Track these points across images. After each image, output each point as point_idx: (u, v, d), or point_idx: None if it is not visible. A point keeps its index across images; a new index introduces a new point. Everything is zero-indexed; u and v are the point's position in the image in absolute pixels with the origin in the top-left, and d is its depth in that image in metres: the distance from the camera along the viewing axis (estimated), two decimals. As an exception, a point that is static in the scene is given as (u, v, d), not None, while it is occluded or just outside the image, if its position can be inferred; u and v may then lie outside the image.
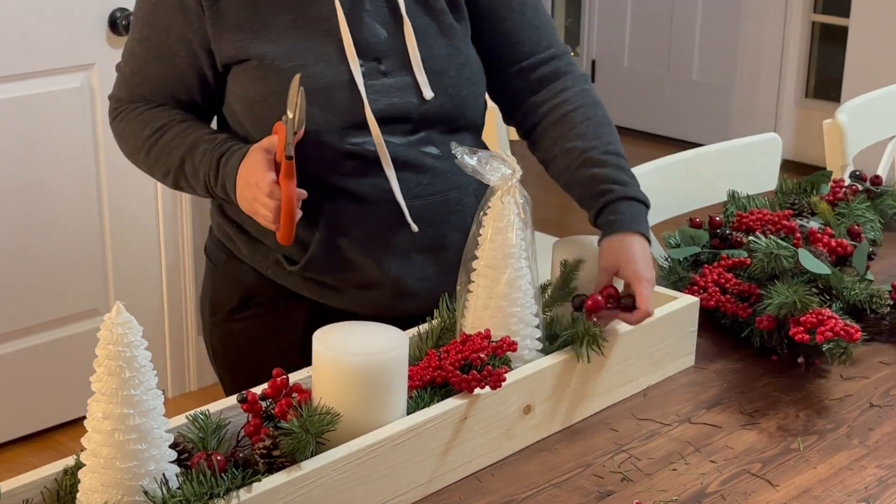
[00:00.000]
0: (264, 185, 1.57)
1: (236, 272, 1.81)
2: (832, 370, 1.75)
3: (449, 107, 1.73)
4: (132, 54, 1.76)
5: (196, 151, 1.70)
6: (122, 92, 1.80)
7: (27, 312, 3.13)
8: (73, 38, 3.03)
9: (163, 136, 1.73)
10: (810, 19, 5.56)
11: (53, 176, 3.07)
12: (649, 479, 1.47)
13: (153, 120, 1.75)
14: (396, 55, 1.70)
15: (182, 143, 1.71)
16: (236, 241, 1.79)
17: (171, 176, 1.74)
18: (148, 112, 1.76)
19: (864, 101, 2.77)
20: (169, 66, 1.72)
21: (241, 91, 1.69)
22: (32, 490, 1.25)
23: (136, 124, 1.76)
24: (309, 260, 1.71)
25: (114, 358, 1.20)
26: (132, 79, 1.77)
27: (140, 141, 1.76)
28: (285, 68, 1.65)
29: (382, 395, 1.38)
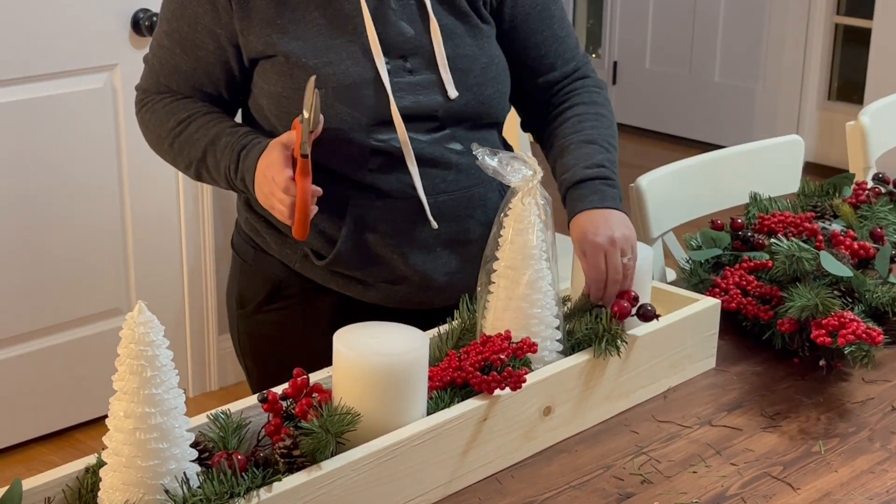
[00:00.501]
0: (280, 180, 1.59)
1: (265, 266, 1.83)
2: (854, 373, 1.74)
3: (474, 105, 1.75)
4: (160, 46, 1.78)
5: (218, 144, 1.72)
6: (148, 83, 1.82)
7: (49, 312, 3.15)
8: (96, 38, 3.04)
9: (187, 127, 1.75)
10: (833, 21, 5.53)
11: (76, 176, 3.08)
12: (669, 481, 1.47)
13: (178, 111, 1.77)
14: (422, 54, 1.72)
15: (205, 135, 1.73)
16: (265, 236, 1.81)
17: (194, 167, 1.76)
18: (174, 103, 1.78)
19: (886, 104, 2.75)
20: (196, 59, 1.74)
21: (268, 86, 1.71)
22: (54, 488, 1.26)
23: (162, 115, 1.78)
24: (336, 255, 1.72)
25: (135, 357, 1.20)
26: (159, 70, 1.79)
27: (165, 132, 1.78)
28: (312, 65, 1.67)
29: (402, 396, 1.38)
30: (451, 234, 1.75)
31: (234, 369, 3.56)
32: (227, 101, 1.79)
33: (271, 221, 1.79)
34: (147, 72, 1.83)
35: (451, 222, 1.75)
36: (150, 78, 1.82)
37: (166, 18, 1.76)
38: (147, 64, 1.83)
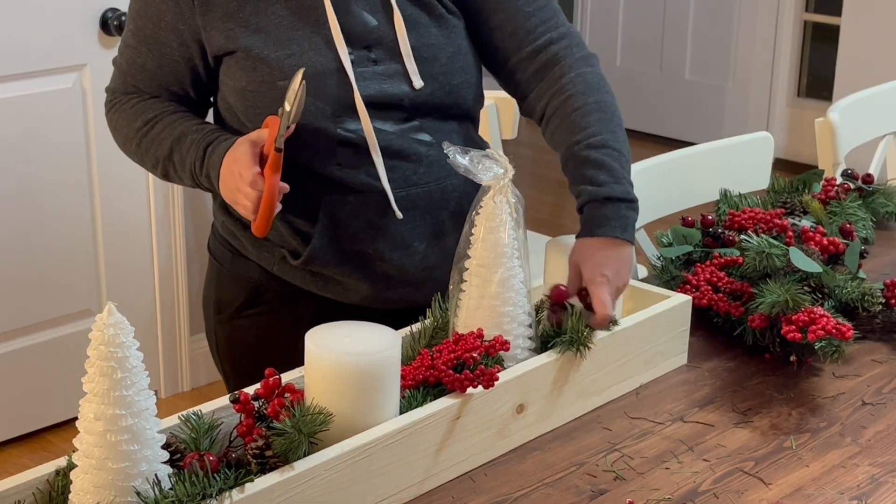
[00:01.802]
0: (248, 175, 1.58)
1: (243, 270, 1.82)
2: (825, 368, 1.75)
3: (441, 94, 1.73)
4: (126, 45, 1.78)
5: (184, 141, 1.71)
6: (116, 84, 1.81)
7: (19, 313, 3.13)
8: (64, 38, 3.02)
9: (153, 127, 1.75)
10: (802, 18, 5.56)
11: (46, 176, 3.06)
12: (642, 477, 1.47)
13: (145, 111, 1.76)
14: (386, 44, 1.70)
15: (171, 133, 1.73)
16: (241, 239, 1.80)
17: (161, 166, 1.75)
18: (141, 104, 1.77)
19: (855, 100, 2.77)
20: (161, 58, 1.74)
21: (233, 82, 1.70)
22: (24, 491, 1.25)
23: (129, 115, 1.78)
24: (311, 252, 1.71)
25: (105, 359, 1.19)
26: (126, 70, 1.79)
27: (132, 132, 1.77)
28: (274, 57, 1.66)
29: (375, 395, 1.38)
30: (425, 228, 1.74)
31: (206, 370, 3.55)
32: (194, 100, 1.78)
33: (245, 223, 1.77)
34: (115, 73, 1.82)
35: (425, 215, 1.73)
36: (118, 79, 1.81)
37: (132, 17, 1.76)
38: (115, 65, 1.82)
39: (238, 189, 1.60)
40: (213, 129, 1.72)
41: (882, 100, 2.85)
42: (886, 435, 1.58)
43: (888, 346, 1.83)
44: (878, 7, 5.01)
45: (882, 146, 2.84)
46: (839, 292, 1.83)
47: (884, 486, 1.46)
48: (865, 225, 2.15)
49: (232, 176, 1.61)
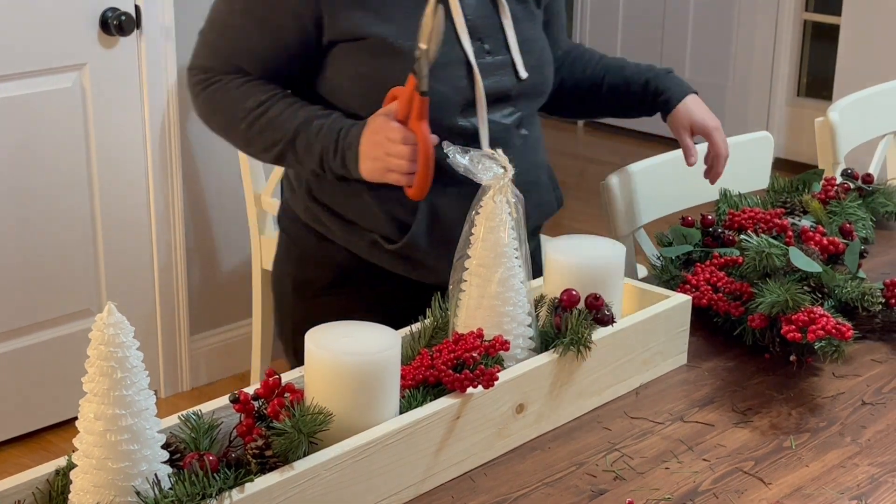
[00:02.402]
0: (396, 134, 1.64)
1: (328, 253, 1.87)
2: (824, 368, 1.75)
3: (537, 84, 1.87)
4: (228, 26, 1.79)
5: (310, 127, 1.74)
6: (213, 62, 1.81)
7: (19, 313, 3.13)
8: (64, 38, 3.02)
9: (268, 109, 1.76)
10: (802, 18, 5.56)
11: (45, 176, 3.06)
12: (642, 477, 1.47)
13: (255, 93, 1.78)
14: (497, 36, 1.81)
15: (292, 117, 1.75)
16: (328, 224, 1.85)
17: (277, 149, 1.77)
18: (248, 85, 1.78)
19: (855, 100, 2.77)
20: (274, 40, 1.76)
21: (354, 68, 1.74)
22: (24, 491, 1.25)
23: (237, 95, 1.78)
24: (409, 240, 1.78)
25: (105, 358, 1.19)
26: (229, 50, 1.79)
27: (242, 112, 1.78)
28: (407, 47, 1.71)
29: (375, 395, 1.38)
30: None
31: (206, 370, 3.55)
32: (293, 80, 1.80)
33: (335, 210, 1.83)
34: (207, 51, 1.82)
35: None
36: (213, 57, 1.81)
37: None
38: (207, 44, 1.82)
39: (388, 153, 1.65)
40: (338, 114, 1.75)
41: (882, 99, 2.85)
42: (886, 435, 1.58)
43: (888, 345, 1.83)
44: (878, 7, 5.01)
45: (882, 146, 2.84)
46: (839, 292, 1.83)
47: (883, 486, 1.46)
48: (865, 225, 2.15)
49: (377, 145, 1.66)
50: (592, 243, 1.72)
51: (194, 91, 1.84)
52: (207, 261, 3.49)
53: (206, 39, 1.82)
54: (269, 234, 3.27)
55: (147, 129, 3.23)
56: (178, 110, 3.28)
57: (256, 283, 3.32)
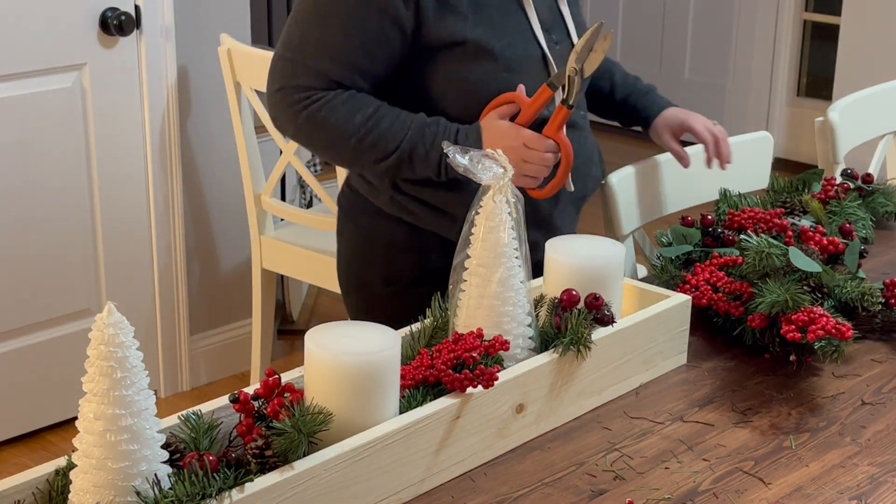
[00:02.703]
0: (537, 143, 1.79)
1: (418, 241, 1.94)
2: (824, 368, 1.75)
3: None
4: (324, 45, 1.81)
5: (424, 135, 1.82)
6: (310, 81, 1.82)
7: (19, 313, 3.13)
8: (64, 38, 3.02)
9: (379, 122, 1.81)
10: (802, 17, 5.56)
11: (45, 176, 3.06)
12: (642, 477, 1.47)
13: (361, 107, 1.81)
14: (559, 25, 1.93)
15: (403, 128, 1.82)
16: (417, 213, 1.92)
17: (390, 160, 1.82)
18: (352, 100, 1.82)
19: (855, 100, 2.77)
20: (373, 53, 1.81)
21: (452, 73, 1.83)
22: (24, 491, 1.25)
23: (344, 112, 1.81)
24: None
25: (105, 358, 1.19)
26: (327, 67, 1.81)
27: (351, 128, 1.81)
28: (498, 48, 1.82)
29: (375, 395, 1.38)
30: (577, 192, 1.97)
31: (206, 370, 3.55)
32: (383, 87, 1.85)
33: (422, 199, 1.89)
34: (303, 71, 1.82)
35: (577, 181, 1.93)
36: (311, 76, 1.82)
37: (338, 14, 1.79)
38: (301, 64, 1.82)
39: (525, 159, 1.79)
40: (443, 120, 1.83)
41: (882, 99, 2.85)
42: (886, 435, 1.58)
43: (888, 345, 1.83)
44: (878, 7, 5.01)
45: (882, 146, 2.84)
46: (839, 292, 1.83)
47: (883, 486, 1.46)
48: (865, 224, 2.15)
49: (513, 151, 1.75)
50: (592, 243, 1.72)
51: (292, 111, 1.83)
52: (207, 261, 3.49)
53: (298, 58, 1.82)
54: (269, 233, 3.28)
55: (147, 129, 3.23)
56: (178, 110, 3.28)
57: (256, 283, 3.32)
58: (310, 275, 3.26)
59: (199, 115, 3.35)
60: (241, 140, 3.17)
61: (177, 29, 3.22)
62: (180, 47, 3.25)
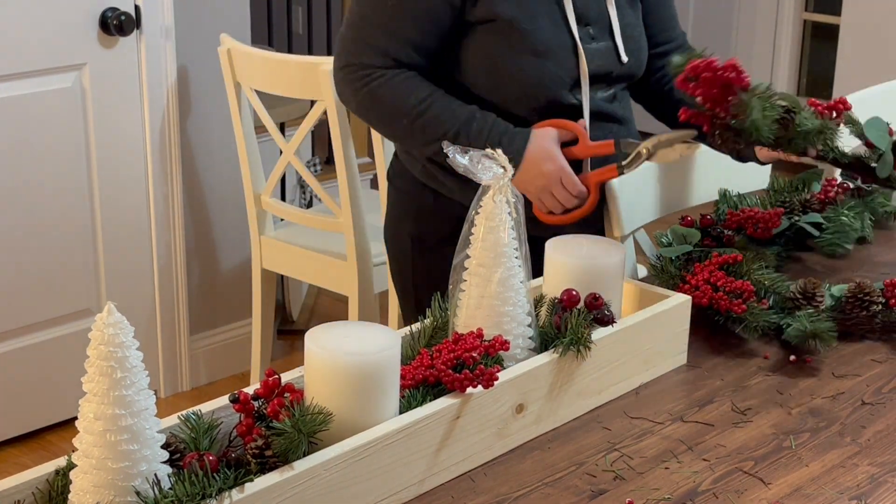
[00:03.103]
0: (573, 188, 1.93)
1: (446, 207, 2.05)
2: (824, 368, 1.75)
3: (634, 67, 2.06)
4: (383, 22, 1.92)
5: (471, 128, 1.92)
6: (371, 58, 1.93)
7: (19, 313, 3.13)
8: (64, 38, 3.02)
9: (431, 106, 1.93)
10: (802, 17, 5.56)
11: (45, 176, 3.07)
12: (642, 477, 1.47)
13: (416, 90, 1.94)
14: (601, 22, 1.99)
15: (453, 117, 1.93)
16: (445, 182, 2.03)
17: (436, 145, 1.89)
18: (408, 80, 1.93)
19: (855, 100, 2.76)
20: (430, 29, 1.92)
21: (482, 51, 1.93)
22: (24, 491, 1.25)
23: (400, 91, 1.93)
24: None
25: (105, 358, 1.19)
26: (386, 44, 1.92)
27: (405, 108, 1.93)
28: (529, 31, 1.91)
29: (375, 395, 1.38)
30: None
31: (206, 370, 3.55)
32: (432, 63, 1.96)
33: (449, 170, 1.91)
34: (364, 48, 1.94)
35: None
36: (372, 53, 1.93)
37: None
38: (362, 41, 1.94)
39: (555, 194, 1.92)
40: (495, 117, 1.93)
41: (881, 99, 2.85)
42: (886, 435, 1.58)
43: (888, 345, 1.83)
44: (878, 7, 5.01)
45: (882, 146, 2.84)
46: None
47: (883, 486, 1.46)
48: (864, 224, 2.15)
49: (549, 179, 1.91)
50: (592, 243, 1.72)
51: (354, 86, 1.96)
52: (207, 261, 3.50)
53: (360, 36, 1.95)
54: (269, 233, 3.28)
55: (147, 129, 3.23)
56: (178, 110, 3.28)
57: (256, 282, 3.32)
58: (310, 275, 3.26)
59: (199, 115, 3.35)
60: (240, 140, 3.17)
61: (177, 29, 3.22)
62: (180, 47, 3.25)
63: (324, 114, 3.03)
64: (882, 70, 4.71)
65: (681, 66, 1.78)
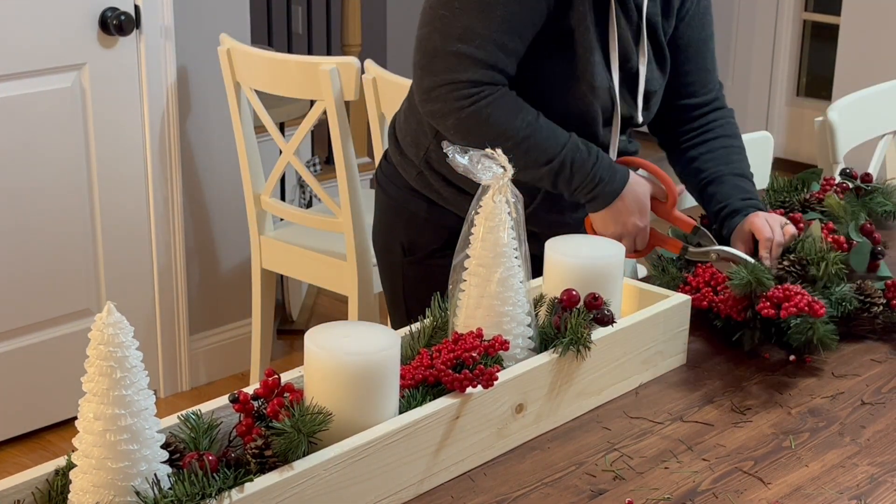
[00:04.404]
0: (641, 237, 1.97)
1: (439, 217, 2.04)
2: (824, 368, 1.75)
3: (648, 117, 2.06)
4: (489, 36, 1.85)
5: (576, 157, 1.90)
6: (479, 74, 1.86)
7: (19, 313, 3.13)
8: (63, 38, 3.02)
9: (535, 132, 1.88)
10: (801, 17, 5.56)
11: (45, 176, 3.07)
12: (641, 477, 1.47)
13: (520, 111, 1.88)
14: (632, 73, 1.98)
15: (557, 143, 1.90)
16: (440, 191, 2.02)
17: (534, 171, 1.90)
18: (514, 101, 1.88)
19: (854, 99, 2.77)
20: (529, 33, 1.87)
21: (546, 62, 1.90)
22: (24, 491, 1.25)
23: (507, 113, 1.88)
24: (530, 214, 1.90)
25: (105, 358, 1.19)
26: (494, 58, 1.86)
27: (511, 131, 1.87)
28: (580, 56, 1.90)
29: (374, 395, 1.38)
30: None
31: (206, 370, 3.55)
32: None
33: (448, 179, 1.99)
34: (468, 63, 1.85)
35: None
36: (478, 68, 1.86)
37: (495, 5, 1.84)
38: (462, 55, 1.85)
39: (626, 231, 1.95)
40: (596, 149, 1.92)
41: (881, 99, 2.85)
42: (885, 434, 1.58)
43: (888, 346, 1.83)
44: (878, 7, 5.01)
45: (881, 145, 2.84)
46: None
47: (883, 486, 1.46)
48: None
49: (624, 226, 1.94)
50: (592, 243, 1.72)
51: (458, 104, 1.86)
52: (207, 261, 3.50)
53: (465, 52, 1.85)
54: (269, 233, 3.28)
55: (147, 129, 3.23)
56: (178, 110, 3.28)
57: (256, 282, 3.32)
58: (309, 275, 3.26)
59: (199, 115, 3.35)
60: (240, 140, 3.17)
61: (176, 29, 3.22)
62: (180, 47, 3.25)
63: (323, 114, 3.03)
64: (882, 70, 4.72)
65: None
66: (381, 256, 2.17)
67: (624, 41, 1.94)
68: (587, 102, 1.93)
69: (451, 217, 2.01)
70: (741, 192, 2.04)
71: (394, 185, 2.10)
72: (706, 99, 2.13)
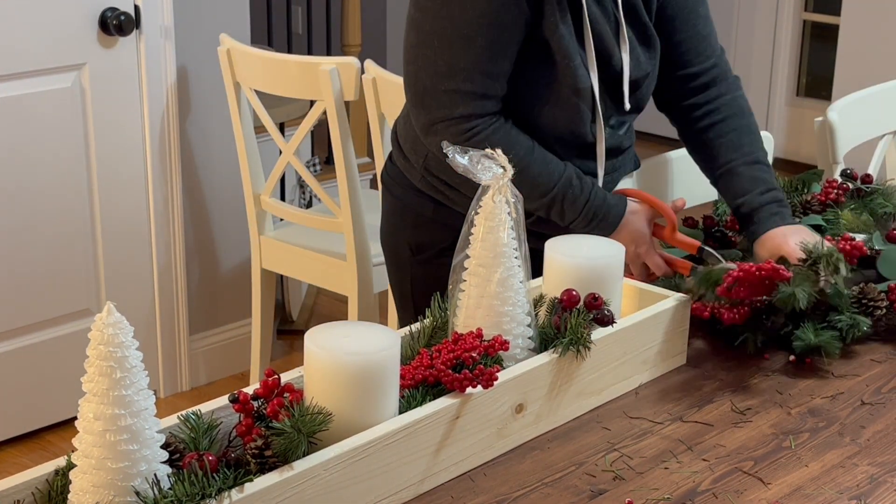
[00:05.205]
0: (652, 262, 1.95)
1: (445, 217, 2.03)
2: (824, 368, 1.75)
3: (635, 110, 2.02)
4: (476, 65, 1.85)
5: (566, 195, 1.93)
6: (468, 107, 1.88)
7: (19, 313, 3.13)
8: (63, 38, 3.02)
9: (530, 165, 1.90)
10: (801, 18, 5.56)
11: (45, 176, 3.07)
12: (641, 477, 1.47)
13: (514, 145, 1.89)
14: (614, 65, 1.94)
15: (551, 176, 1.92)
16: (446, 193, 2.02)
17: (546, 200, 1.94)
18: (507, 134, 1.89)
19: (855, 100, 2.77)
20: (513, 51, 1.87)
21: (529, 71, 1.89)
22: (24, 491, 1.25)
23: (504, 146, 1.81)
24: (538, 219, 1.95)
25: (105, 358, 1.19)
26: (482, 86, 1.87)
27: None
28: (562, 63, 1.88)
29: (374, 395, 1.38)
30: None
31: (206, 370, 3.55)
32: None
33: (450, 183, 1.99)
34: (459, 98, 1.86)
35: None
36: (468, 101, 1.87)
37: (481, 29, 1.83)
38: (451, 91, 1.86)
39: (634, 261, 1.95)
40: (590, 182, 1.95)
41: (881, 99, 2.85)
42: (885, 435, 1.58)
43: (888, 345, 1.83)
44: (878, 7, 5.01)
45: (881, 146, 2.84)
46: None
47: (883, 486, 1.46)
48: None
49: (633, 242, 1.93)
50: (592, 243, 1.72)
51: (456, 140, 1.87)
52: (207, 261, 3.50)
53: (452, 88, 1.86)
54: (269, 233, 3.28)
55: (146, 129, 3.23)
56: (178, 110, 3.28)
57: (256, 282, 3.32)
58: (309, 275, 3.26)
59: (199, 115, 3.35)
60: (240, 140, 3.17)
61: (176, 29, 3.22)
62: (180, 47, 3.25)
63: (323, 114, 3.03)
64: (882, 70, 4.72)
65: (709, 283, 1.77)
66: (390, 257, 2.17)
67: (603, 39, 1.92)
68: (572, 104, 1.92)
69: (458, 216, 1.97)
70: (757, 185, 1.99)
71: (399, 186, 2.10)
72: (705, 66, 2.07)
